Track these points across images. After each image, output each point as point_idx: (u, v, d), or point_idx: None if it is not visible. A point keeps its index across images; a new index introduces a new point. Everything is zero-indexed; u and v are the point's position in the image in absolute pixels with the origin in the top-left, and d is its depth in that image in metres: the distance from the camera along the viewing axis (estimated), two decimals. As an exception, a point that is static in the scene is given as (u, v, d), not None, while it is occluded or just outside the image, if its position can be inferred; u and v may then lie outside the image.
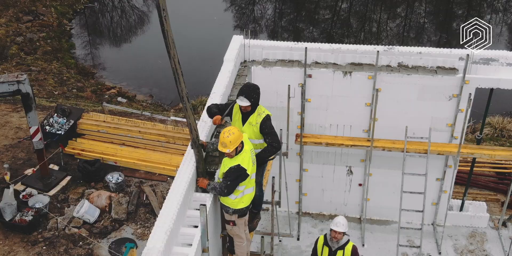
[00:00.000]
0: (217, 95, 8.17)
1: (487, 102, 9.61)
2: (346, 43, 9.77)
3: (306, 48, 9.26)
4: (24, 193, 11.98)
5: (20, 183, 12.45)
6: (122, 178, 12.58)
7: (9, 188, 11.31)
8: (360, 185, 10.93)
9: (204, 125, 7.61)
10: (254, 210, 8.04)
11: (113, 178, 12.56)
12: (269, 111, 10.03)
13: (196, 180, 7.05)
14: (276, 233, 10.12)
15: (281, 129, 8.23)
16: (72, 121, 13.58)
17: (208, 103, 7.90)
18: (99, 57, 22.65)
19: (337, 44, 9.51)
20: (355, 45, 9.55)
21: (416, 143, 9.81)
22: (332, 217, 11.47)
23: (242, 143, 6.56)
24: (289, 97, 8.94)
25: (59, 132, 13.32)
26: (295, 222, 11.22)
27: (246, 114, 7.09)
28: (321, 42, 10.09)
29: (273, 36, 27.74)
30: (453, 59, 9.31)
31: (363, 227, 11.10)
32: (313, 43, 9.54)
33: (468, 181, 10.88)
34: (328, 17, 30.34)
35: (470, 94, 8.97)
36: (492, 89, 9.46)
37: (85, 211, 11.57)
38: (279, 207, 9.26)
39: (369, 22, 30.09)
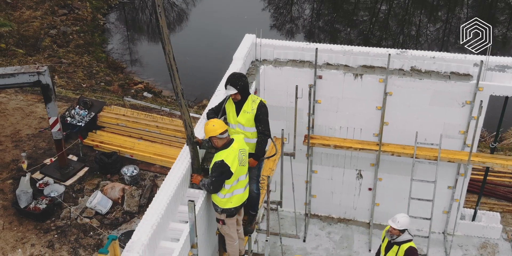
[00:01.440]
0: (221, 93, 8.21)
1: (502, 111, 9.34)
2: (384, 46, 9.72)
3: (316, 49, 9.19)
4: (40, 181, 12.28)
5: (39, 172, 12.79)
6: (137, 172, 12.76)
7: (25, 176, 11.64)
8: (370, 189, 10.79)
9: (205, 122, 7.66)
10: (252, 211, 8.05)
11: (128, 171, 12.75)
12: (279, 111, 10.10)
13: (191, 176, 7.11)
14: (271, 231, 10.11)
15: (282, 129, 8.21)
16: (93, 114, 13.85)
17: (210, 103, 8.00)
18: (130, 52, 23.05)
19: (349, 46, 9.41)
20: (367, 47, 9.44)
21: (427, 149, 9.63)
22: (341, 220, 11.40)
23: (231, 140, 6.62)
24: (296, 98, 8.90)
25: (80, 123, 13.60)
26: (302, 224, 11.17)
27: (239, 104, 7.23)
28: (358, 44, 10.08)
29: (309, 36, 27.64)
30: (468, 65, 9.10)
31: (371, 232, 10.97)
32: (325, 44, 9.47)
33: (481, 191, 10.61)
34: (366, 19, 30.02)
35: (482, 101, 8.73)
36: (507, 97, 9.20)
37: (98, 202, 11.78)
38: (281, 207, 9.25)
39: (408, 25, 29.62)
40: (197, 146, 6.97)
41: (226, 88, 7.14)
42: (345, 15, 30.14)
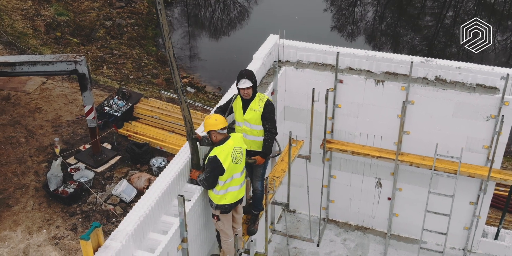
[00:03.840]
0: (234, 91, 8.26)
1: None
2: (448, 53, 9.61)
3: (337, 53, 9.08)
4: (72, 166, 12.77)
5: (73, 157, 13.30)
6: (165, 163, 13.02)
7: (56, 160, 12.14)
8: (389, 199, 10.56)
9: (212, 119, 7.73)
10: (254, 211, 8.08)
11: (157, 162, 13.05)
12: (299, 113, 10.07)
13: (190, 171, 7.22)
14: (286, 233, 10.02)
15: (290, 131, 8.18)
16: (130, 105, 14.27)
17: (221, 101, 8.08)
18: (181, 47, 23.54)
19: (372, 51, 9.25)
20: (391, 53, 9.24)
21: (447, 162, 9.32)
22: (358, 228, 11.22)
23: (227, 137, 6.68)
24: (313, 101, 8.83)
25: (116, 113, 14.04)
26: (317, 228, 11.05)
27: (246, 102, 7.33)
28: (421, 49, 9.93)
29: (370, 40, 27.30)
30: (494, 77, 8.73)
31: (387, 242, 10.72)
32: (348, 48, 9.35)
33: (505, 208, 10.16)
34: (431, 24, 29.27)
35: (503, 116, 8.36)
36: (536, 114, 8.76)
37: (122, 190, 12.13)
38: (287, 209, 9.21)
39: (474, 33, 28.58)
40: (197, 142, 7.06)
41: (239, 82, 7.23)
42: (409, 19, 29.48)
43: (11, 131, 13.92)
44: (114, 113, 14.04)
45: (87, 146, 13.32)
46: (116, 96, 14.40)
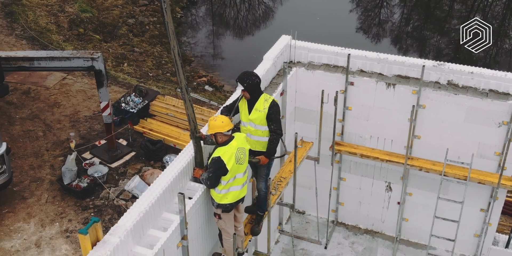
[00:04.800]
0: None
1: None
2: (474, 57, 9.55)
3: (348, 55, 9.04)
4: (86, 161, 12.95)
5: (89, 152, 13.49)
6: (178, 161, 13.11)
7: (71, 154, 12.33)
8: (398, 203, 10.46)
9: (218, 119, 7.76)
10: (259, 212, 8.09)
11: (170, 159, 13.15)
12: (310, 114, 10.05)
13: (193, 169, 7.28)
14: (295, 235, 10.00)
15: (296, 133, 8.17)
16: (146, 102, 14.41)
17: (228, 100, 8.12)
18: (204, 46, 23.67)
19: (384, 53, 9.17)
20: (403, 56, 9.15)
21: (457, 168, 9.20)
22: (367, 231, 11.15)
23: (231, 137, 6.71)
24: (322, 102, 8.81)
25: (133, 110, 14.19)
26: (325, 230, 11.02)
27: (251, 102, 7.37)
28: (447, 52, 9.87)
29: (395, 42, 27.12)
30: (508, 83, 8.59)
31: (396, 247, 10.64)
32: (359, 50, 9.29)
33: (517, 217, 10.00)
34: (458, 28, 28.92)
35: (514, 123, 8.23)
36: (549, 121, 8.60)
37: (135, 186, 12.26)
38: (293, 210, 9.20)
39: (502, 38, 28.17)
40: (201, 141, 7.10)
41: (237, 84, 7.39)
42: (436, 22, 29.19)
43: (30, 124, 14.18)
44: (130, 110, 14.19)
45: (103, 141, 13.49)
46: (133, 93, 14.56)
